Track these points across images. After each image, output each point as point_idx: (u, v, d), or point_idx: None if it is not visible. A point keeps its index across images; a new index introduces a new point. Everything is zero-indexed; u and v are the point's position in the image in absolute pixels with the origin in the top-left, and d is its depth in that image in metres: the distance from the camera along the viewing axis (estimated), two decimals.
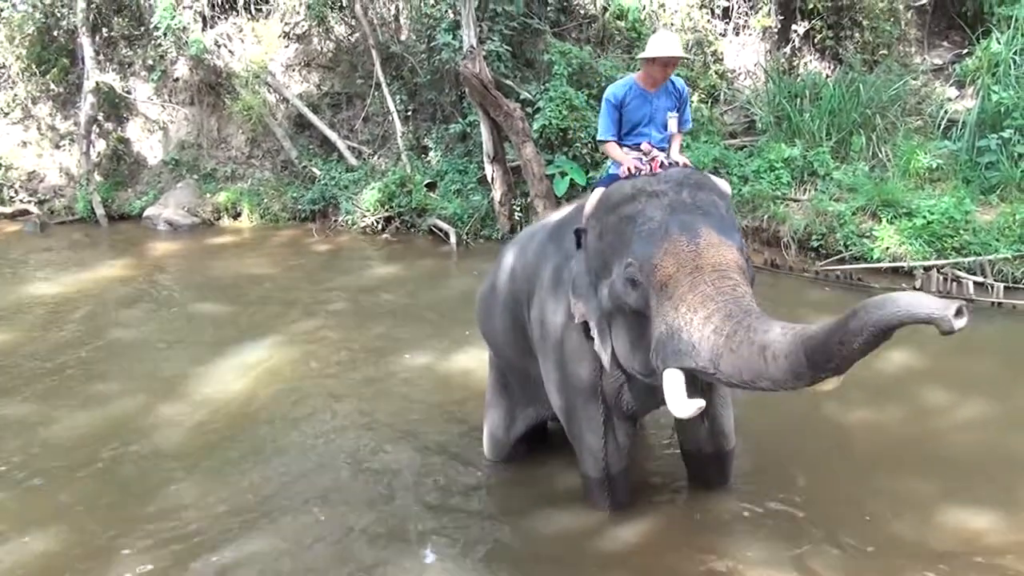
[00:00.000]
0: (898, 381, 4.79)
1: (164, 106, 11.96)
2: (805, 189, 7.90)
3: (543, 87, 9.33)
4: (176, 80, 11.79)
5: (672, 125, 3.51)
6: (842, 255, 7.10)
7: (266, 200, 10.83)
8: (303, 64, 11.58)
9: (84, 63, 11.29)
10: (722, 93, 9.68)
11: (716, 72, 9.77)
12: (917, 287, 6.41)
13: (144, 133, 12.05)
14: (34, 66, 12.02)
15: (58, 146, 12.18)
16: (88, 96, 11.24)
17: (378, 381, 5.33)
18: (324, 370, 5.58)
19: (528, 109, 9.05)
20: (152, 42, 11.42)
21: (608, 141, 3.47)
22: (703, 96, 9.46)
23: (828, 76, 9.11)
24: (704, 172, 3.31)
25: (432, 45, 10.15)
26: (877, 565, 3.21)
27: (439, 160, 10.27)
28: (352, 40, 11.35)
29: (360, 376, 5.44)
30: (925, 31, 9.59)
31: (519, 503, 3.84)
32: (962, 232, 6.65)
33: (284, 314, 6.86)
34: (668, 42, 3.38)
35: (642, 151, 3.33)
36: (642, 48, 9.75)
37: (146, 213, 11.05)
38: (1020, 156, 7.18)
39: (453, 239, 9.05)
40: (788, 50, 9.62)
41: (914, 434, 4.29)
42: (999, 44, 8.06)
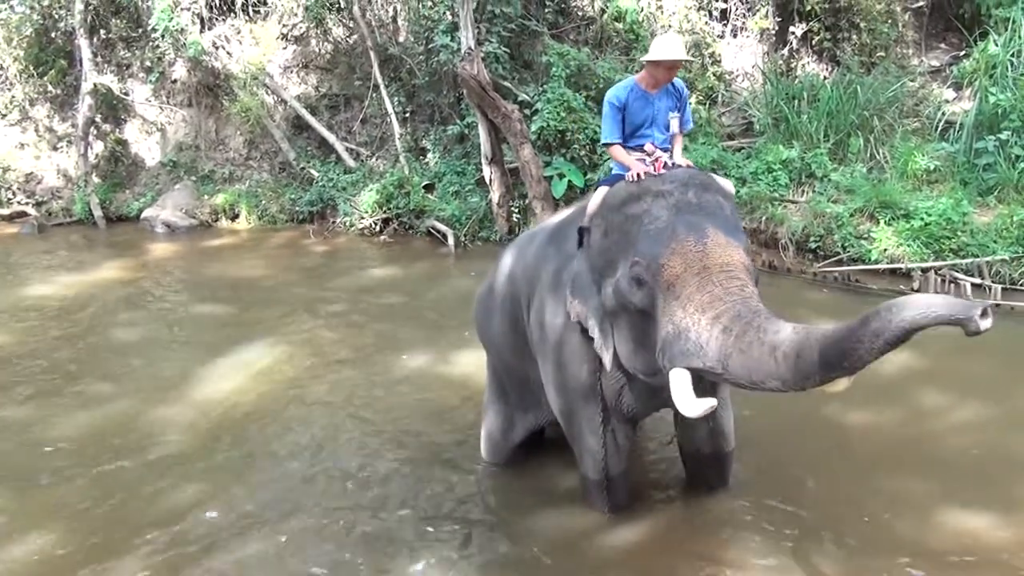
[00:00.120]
0: (897, 382, 4.78)
1: (162, 108, 11.96)
2: (803, 191, 7.90)
3: (541, 89, 9.34)
4: (174, 82, 11.79)
5: (674, 125, 3.51)
6: (840, 257, 7.11)
7: (264, 202, 10.83)
8: (301, 66, 11.59)
9: (82, 65, 11.29)
10: (720, 95, 9.69)
11: (714, 74, 9.78)
12: (915, 289, 6.41)
13: (142, 135, 12.05)
14: (32, 68, 12.03)
15: (56, 148, 12.18)
16: (86, 98, 11.24)
17: (376, 382, 5.32)
18: (322, 371, 5.57)
19: (526, 111, 9.05)
20: (150, 44, 11.42)
21: (613, 144, 3.44)
22: (701, 98, 9.46)
23: (826, 78, 9.13)
24: (708, 172, 3.31)
25: (430, 47, 10.17)
26: (877, 565, 3.21)
27: (437, 162, 10.28)
28: (350, 42, 11.35)
29: (358, 377, 5.43)
30: (922, 33, 9.61)
31: (517, 504, 3.83)
32: (960, 234, 6.66)
33: (282, 316, 6.85)
34: (674, 45, 3.38)
35: (645, 152, 3.33)
36: (640, 50, 9.69)
37: (144, 215, 11.05)
38: (1017, 158, 7.19)
39: (451, 241, 9.05)
40: (786, 52, 9.64)
41: (913, 435, 4.29)
42: (996, 46, 8.08)
